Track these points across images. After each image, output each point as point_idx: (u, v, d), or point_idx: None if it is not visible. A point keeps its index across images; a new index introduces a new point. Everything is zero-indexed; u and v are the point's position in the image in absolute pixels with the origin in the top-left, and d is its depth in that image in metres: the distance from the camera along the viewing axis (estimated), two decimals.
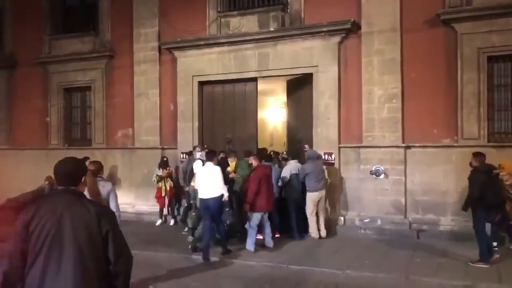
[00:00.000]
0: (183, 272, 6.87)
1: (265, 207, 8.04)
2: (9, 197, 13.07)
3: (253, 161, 8.30)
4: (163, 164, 10.73)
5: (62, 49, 13.11)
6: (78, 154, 12.62)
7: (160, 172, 10.61)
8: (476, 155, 7.23)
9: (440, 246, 8.15)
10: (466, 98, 8.88)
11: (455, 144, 8.94)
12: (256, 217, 7.99)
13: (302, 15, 10.32)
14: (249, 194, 7.83)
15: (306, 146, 9.82)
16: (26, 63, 13.52)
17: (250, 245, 8.00)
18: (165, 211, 11.05)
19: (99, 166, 5.88)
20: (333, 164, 9.74)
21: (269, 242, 8.24)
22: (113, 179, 11.46)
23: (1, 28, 14.22)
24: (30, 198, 12.32)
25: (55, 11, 13.46)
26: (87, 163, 8.38)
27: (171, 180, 10.74)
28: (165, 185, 10.63)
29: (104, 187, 5.43)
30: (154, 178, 10.71)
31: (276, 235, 8.80)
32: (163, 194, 10.68)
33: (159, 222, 10.86)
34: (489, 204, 6.88)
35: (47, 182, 12.40)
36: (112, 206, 5.27)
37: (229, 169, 9.08)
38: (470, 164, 7.29)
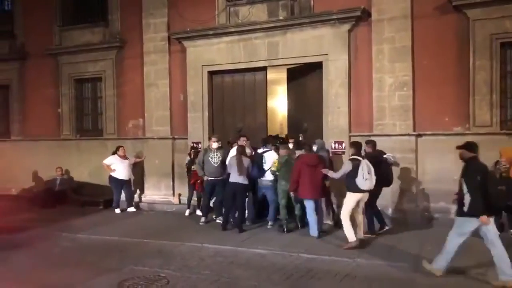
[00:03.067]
0: (194, 261, 6.93)
1: (309, 194, 8.12)
2: (24, 187, 13.39)
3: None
4: (194, 152, 10.56)
5: (73, 40, 13.18)
6: (90, 144, 12.85)
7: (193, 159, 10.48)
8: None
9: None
10: (478, 85, 8.78)
11: (467, 132, 8.85)
12: (306, 204, 8.23)
13: (312, 3, 10.24)
14: (291, 181, 8.24)
15: (301, 135, 9.81)
16: (37, 55, 13.63)
17: (313, 231, 8.19)
18: (183, 200, 11.14)
19: None
20: (343, 153, 9.71)
21: (314, 232, 8.22)
22: None
23: (12, 20, 14.31)
24: (42, 189, 12.61)
25: (65, 2, 13.50)
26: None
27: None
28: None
29: None
30: (186, 162, 10.69)
31: None
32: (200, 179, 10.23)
33: (187, 212, 10.72)
34: None
35: (58, 173, 12.61)
36: None
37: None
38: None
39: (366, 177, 7.41)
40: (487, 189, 5.69)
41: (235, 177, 8.78)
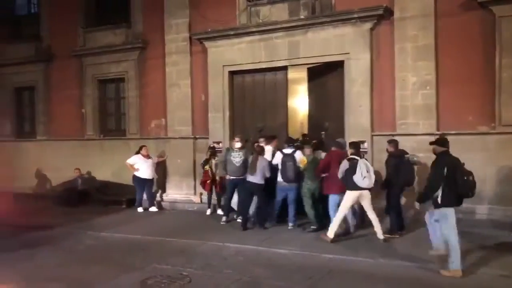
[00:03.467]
0: (216, 260, 6.97)
1: (337, 189, 8.09)
2: (49, 187, 13.66)
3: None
4: (212, 152, 10.67)
5: (96, 41, 13.40)
6: (113, 144, 13.04)
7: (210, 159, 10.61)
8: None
9: (476, 235, 7.97)
10: (505, 84, 8.58)
11: (492, 131, 8.68)
12: (330, 200, 8.22)
13: (333, 2, 10.19)
14: (317, 171, 8.35)
15: (323, 133, 9.74)
16: (62, 56, 13.91)
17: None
18: (204, 199, 11.19)
19: None
20: (365, 152, 9.62)
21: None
22: None
23: (39, 22, 14.63)
24: (65, 188, 12.85)
25: (89, 4, 13.75)
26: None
27: (213, 166, 10.57)
28: (211, 170, 10.51)
29: None
30: (202, 162, 10.76)
31: None
32: (209, 179, 10.47)
33: (209, 211, 10.78)
34: None
35: (77, 174, 12.83)
36: None
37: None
38: None
39: (364, 175, 7.54)
40: (456, 181, 6.03)
41: (249, 177, 8.93)
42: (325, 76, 10.83)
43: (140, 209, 11.19)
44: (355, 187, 7.64)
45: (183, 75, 11.88)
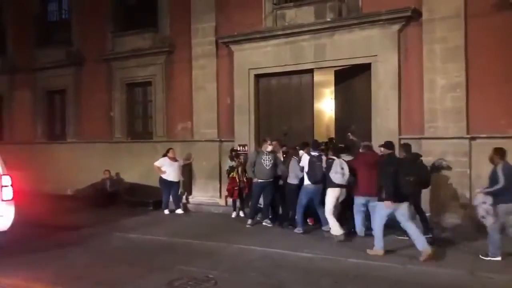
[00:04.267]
0: (241, 262, 6.98)
1: (366, 192, 8.07)
2: (78, 188, 13.95)
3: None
4: (234, 155, 10.73)
5: (124, 45, 13.64)
6: (141, 147, 13.22)
7: (232, 164, 10.62)
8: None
9: (508, 240, 7.75)
10: None
11: None
12: (357, 201, 8.32)
13: (360, 4, 10.10)
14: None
15: (350, 134, 9.66)
16: (92, 60, 14.22)
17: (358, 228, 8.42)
18: (229, 202, 11.22)
19: None
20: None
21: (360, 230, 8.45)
22: None
23: (70, 27, 15.00)
24: (94, 189, 13.10)
25: (117, 9, 14.01)
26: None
27: (239, 171, 10.54)
28: (238, 176, 10.50)
29: None
30: (227, 168, 10.78)
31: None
32: (237, 186, 10.48)
33: (234, 214, 10.80)
34: None
35: (106, 176, 13.06)
36: None
37: None
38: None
39: (337, 171, 8.23)
40: (398, 179, 6.92)
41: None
42: (352, 79, 10.73)
43: (166, 211, 11.32)
44: (333, 184, 8.29)
45: (209, 78, 11.97)
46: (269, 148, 9.48)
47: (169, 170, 11.32)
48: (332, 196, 8.39)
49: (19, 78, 15.98)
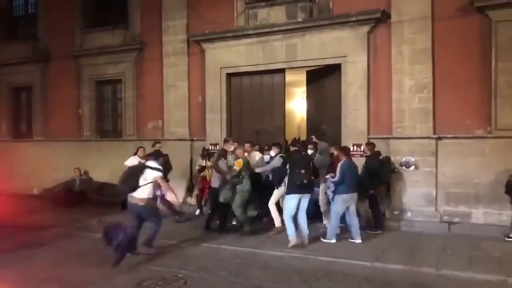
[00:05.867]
0: (211, 262, 6.97)
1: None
2: (46, 187, 13.62)
3: (334, 151, 8.83)
4: (206, 154, 10.64)
5: (94, 42, 13.40)
6: (110, 145, 13.00)
7: (203, 163, 10.52)
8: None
9: (472, 239, 8.00)
10: (501, 87, 8.62)
11: (489, 135, 8.71)
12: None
13: (331, 5, 10.23)
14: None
15: (313, 136, 9.81)
16: (59, 57, 13.94)
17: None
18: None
19: None
20: (362, 155, 9.63)
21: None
22: None
23: (36, 23, 14.63)
24: (62, 189, 12.82)
25: (86, 5, 13.75)
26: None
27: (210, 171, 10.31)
28: (208, 175, 10.33)
29: None
30: (197, 168, 10.71)
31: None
32: (208, 186, 10.29)
33: (198, 212, 10.76)
34: None
35: (77, 174, 12.80)
36: None
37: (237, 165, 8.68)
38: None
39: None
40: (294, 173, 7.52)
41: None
42: (323, 79, 10.85)
43: None
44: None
45: (180, 76, 11.88)
46: (231, 148, 9.39)
47: None
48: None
49: None
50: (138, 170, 6.93)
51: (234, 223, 9.29)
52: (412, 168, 9.18)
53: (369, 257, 7.04)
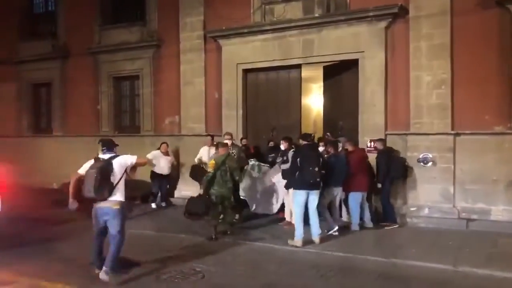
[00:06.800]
0: (228, 256, 7.04)
1: (363, 187, 8.47)
2: (64, 182, 13.79)
3: (349, 146, 8.70)
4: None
5: (112, 39, 13.54)
6: (128, 141, 13.08)
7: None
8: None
9: (490, 236, 7.93)
10: None
11: (508, 131, 8.61)
12: (354, 197, 8.40)
13: (348, 0, 10.18)
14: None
15: (329, 134, 9.82)
16: (78, 53, 14.10)
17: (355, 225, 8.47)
18: None
19: None
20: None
21: (369, 223, 8.64)
22: None
23: (56, 20, 14.84)
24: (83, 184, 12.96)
25: (105, 2, 13.90)
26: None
27: None
28: None
29: None
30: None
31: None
32: None
33: None
34: None
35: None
36: None
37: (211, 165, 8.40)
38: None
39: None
40: (304, 170, 7.33)
41: None
42: (340, 75, 10.82)
43: (153, 205, 11.28)
44: None
45: (197, 73, 11.96)
46: (227, 141, 9.32)
47: (159, 163, 11.26)
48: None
49: (3, 71, 15.70)
50: (106, 170, 5.80)
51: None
52: (429, 164, 9.12)
53: (385, 253, 7.04)
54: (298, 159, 7.46)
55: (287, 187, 8.33)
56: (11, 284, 5.80)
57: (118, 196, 5.81)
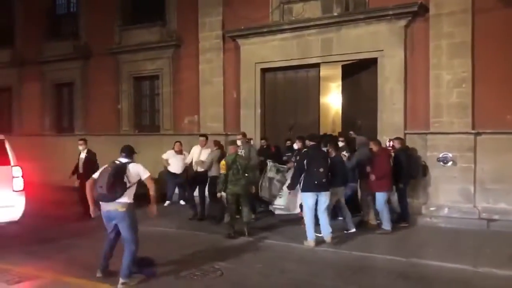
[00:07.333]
0: (247, 254, 7.09)
1: (389, 187, 8.41)
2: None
3: (374, 146, 8.57)
4: None
5: (132, 39, 13.73)
6: (148, 140, 13.30)
7: None
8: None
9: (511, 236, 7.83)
10: None
11: None
12: (383, 197, 8.26)
13: None
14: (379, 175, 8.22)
15: (352, 132, 9.74)
16: (99, 54, 14.33)
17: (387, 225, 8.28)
18: None
19: None
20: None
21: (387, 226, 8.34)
22: None
23: (77, 20, 15.11)
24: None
25: (125, 2, 14.08)
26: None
27: None
28: None
29: None
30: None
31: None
32: None
33: None
34: None
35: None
36: None
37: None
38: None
39: None
40: (311, 171, 7.26)
41: None
42: (359, 74, 10.78)
43: (167, 203, 11.38)
44: None
45: (216, 72, 12.05)
46: (239, 142, 9.24)
47: (173, 162, 11.36)
48: None
49: (27, 71, 16.14)
50: (121, 170, 5.80)
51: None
52: (449, 164, 9.03)
53: (405, 252, 7.01)
54: (305, 161, 7.37)
55: (289, 188, 8.05)
56: (35, 279, 5.97)
57: (126, 198, 5.76)
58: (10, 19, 16.68)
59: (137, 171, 5.92)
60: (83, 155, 10.49)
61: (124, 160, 5.99)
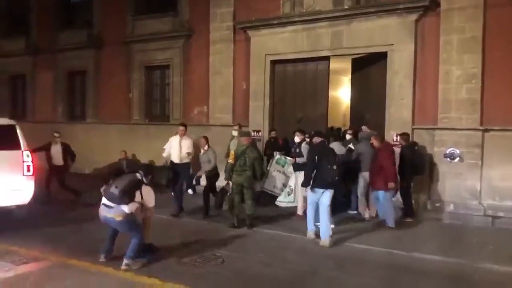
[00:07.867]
0: (248, 244, 7.20)
1: (387, 186, 8.26)
2: (96, 167, 14.29)
3: (374, 141, 8.50)
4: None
5: (144, 29, 13.82)
6: (158, 129, 13.43)
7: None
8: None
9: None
10: None
11: None
12: (383, 196, 8.26)
13: None
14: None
15: (365, 127, 9.68)
16: (112, 43, 14.47)
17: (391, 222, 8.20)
18: None
19: None
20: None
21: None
22: None
23: (91, 10, 15.25)
24: (113, 170, 13.32)
25: None
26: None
27: None
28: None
29: None
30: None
31: None
32: None
33: None
34: None
35: (123, 156, 13.28)
36: None
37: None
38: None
39: None
40: (323, 168, 7.07)
41: None
42: (369, 67, 10.74)
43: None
44: None
45: (226, 63, 12.09)
46: (234, 133, 9.38)
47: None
48: None
49: (41, 59, 16.37)
50: (139, 185, 6.02)
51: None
52: (456, 160, 8.99)
53: (407, 247, 7.03)
54: (316, 157, 7.14)
55: (304, 185, 7.58)
56: (40, 261, 6.13)
57: (126, 209, 5.83)
58: (25, 9, 16.88)
59: (148, 196, 6.10)
60: (58, 147, 10.55)
61: (141, 178, 6.14)
